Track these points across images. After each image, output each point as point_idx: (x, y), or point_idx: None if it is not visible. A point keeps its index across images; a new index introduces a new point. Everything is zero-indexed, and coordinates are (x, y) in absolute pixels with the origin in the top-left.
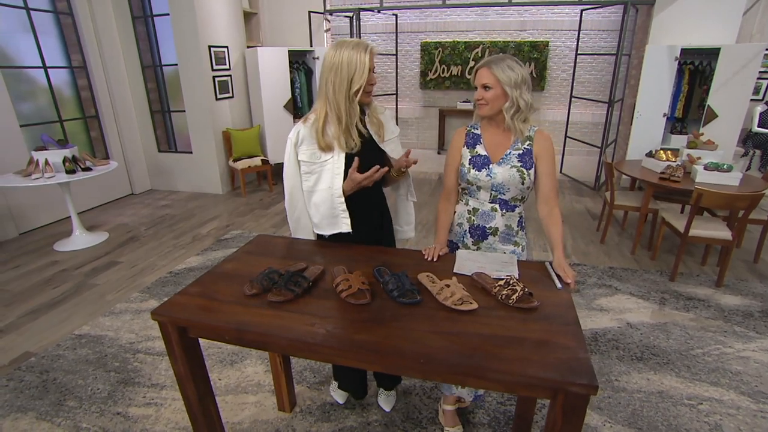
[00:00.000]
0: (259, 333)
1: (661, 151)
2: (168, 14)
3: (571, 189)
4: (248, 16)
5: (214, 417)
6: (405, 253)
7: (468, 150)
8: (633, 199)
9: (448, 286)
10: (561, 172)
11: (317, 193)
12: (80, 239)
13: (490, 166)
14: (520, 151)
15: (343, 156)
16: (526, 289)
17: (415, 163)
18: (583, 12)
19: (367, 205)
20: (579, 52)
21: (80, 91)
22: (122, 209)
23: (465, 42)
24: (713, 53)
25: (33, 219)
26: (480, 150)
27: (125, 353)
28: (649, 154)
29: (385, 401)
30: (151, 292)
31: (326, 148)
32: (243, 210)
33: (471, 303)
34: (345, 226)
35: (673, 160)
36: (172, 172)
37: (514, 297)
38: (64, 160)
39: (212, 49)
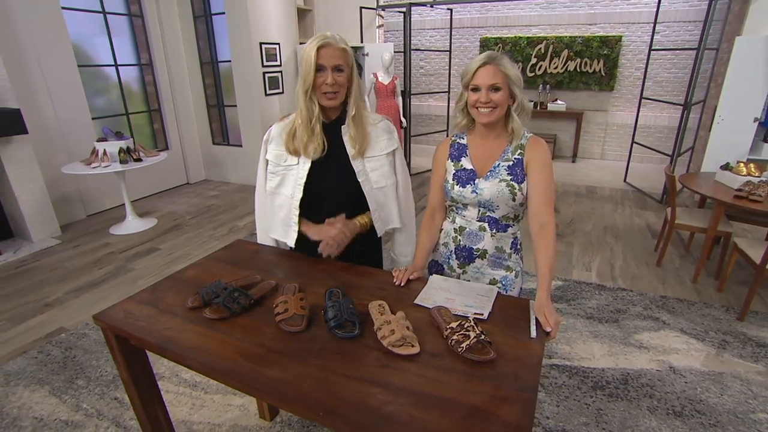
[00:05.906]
0: (176, 353)
1: (741, 164)
2: (224, 13)
3: (633, 201)
4: (303, 13)
5: (162, 423)
6: (372, 274)
7: (452, 163)
8: (700, 218)
9: (389, 322)
10: (625, 180)
11: (279, 196)
12: (131, 224)
13: (476, 181)
14: (511, 162)
15: (308, 165)
16: (483, 336)
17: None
18: (662, 1)
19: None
20: (653, 47)
21: (146, 86)
22: (175, 197)
23: (527, 38)
24: None
25: (99, 203)
26: (465, 163)
27: None
28: (725, 167)
29: None
30: None
31: (294, 152)
32: None
33: (412, 346)
34: (291, 240)
35: (756, 174)
36: (225, 164)
37: (464, 344)
38: (120, 151)
39: (263, 46)
